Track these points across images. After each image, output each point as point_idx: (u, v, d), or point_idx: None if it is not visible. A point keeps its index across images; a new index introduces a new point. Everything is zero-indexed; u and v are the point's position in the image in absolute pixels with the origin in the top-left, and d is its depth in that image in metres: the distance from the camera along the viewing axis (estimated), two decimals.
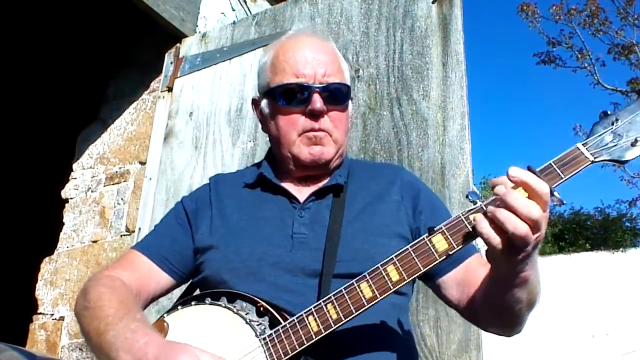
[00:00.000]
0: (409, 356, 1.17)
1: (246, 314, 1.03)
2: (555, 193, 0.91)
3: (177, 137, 2.80)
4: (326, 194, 1.23)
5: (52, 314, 3.06)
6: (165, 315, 1.12)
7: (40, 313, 3.12)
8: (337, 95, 1.23)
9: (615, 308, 12.37)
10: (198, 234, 1.23)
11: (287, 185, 1.26)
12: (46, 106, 4.82)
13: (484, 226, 0.90)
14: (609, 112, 0.97)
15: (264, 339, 0.99)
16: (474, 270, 1.15)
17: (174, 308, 1.14)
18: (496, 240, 0.89)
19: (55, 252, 3.23)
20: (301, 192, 1.25)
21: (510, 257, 0.90)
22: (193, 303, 1.10)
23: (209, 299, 1.08)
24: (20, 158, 5.29)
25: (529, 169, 0.91)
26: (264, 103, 1.30)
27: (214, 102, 2.73)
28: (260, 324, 1.02)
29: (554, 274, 11.41)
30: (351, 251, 1.12)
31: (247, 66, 2.68)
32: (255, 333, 1.00)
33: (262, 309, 1.03)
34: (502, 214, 0.87)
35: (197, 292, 1.23)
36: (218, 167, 2.56)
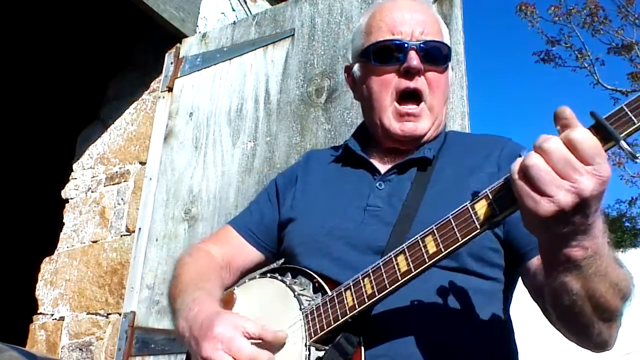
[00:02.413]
0: (500, 346, 1.02)
1: (302, 289, 1.00)
2: (624, 144, 0.69)
3: (177, 138, 2.80)
4: (410, 166, 1.13)
5: (52, 314, 3.06)
6: (235, 287, 1.15)
7: (40, 313, 3.12)
8: (435, 55, 1.12)
9: None
10: (283, 208, 1.23)
11: (372, 157, 1.19)
12: (46, 106, 4.83)
13: (520, 184, 0.71)
14: None
15: (305, 312, 0.95)
16: None
17: (243, 281, 1.17)
18: (530, 201, 0.70)
19: (56, 252, 3.24)
20: (385, 164, 1.17)
21: (549, 225, 0.71)
22: (257, 276, 1.12)
23: (276, 273, 1.08)
24: (20, 158, 5.29)
25: (593, 115, 0.70)
26: (356, 67, 1.22)
27: (214, 102, 2.73)
28: (313, 299, 0.97)
29: None
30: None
31: (247, 66, 2.68)
32: (300, 307, 0.96)
33: (317, 284, 0.99)
34: (539, 172, 0.69)
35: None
36: (218, 167, 2.56)
